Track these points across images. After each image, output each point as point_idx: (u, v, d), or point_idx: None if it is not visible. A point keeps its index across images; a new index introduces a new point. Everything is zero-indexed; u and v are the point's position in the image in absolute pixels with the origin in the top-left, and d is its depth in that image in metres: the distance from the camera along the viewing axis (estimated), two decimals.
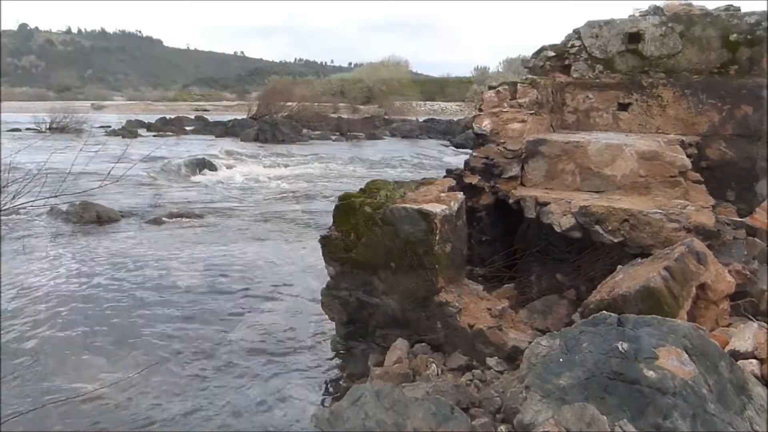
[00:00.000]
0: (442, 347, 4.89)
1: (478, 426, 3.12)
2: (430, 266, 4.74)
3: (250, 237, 10.21)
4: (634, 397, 2.63)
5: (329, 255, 5.16)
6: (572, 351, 3.06)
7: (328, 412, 3.24)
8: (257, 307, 6.72)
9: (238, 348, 5.64)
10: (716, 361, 2.89)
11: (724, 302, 3.87)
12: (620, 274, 4.30)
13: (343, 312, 5.26)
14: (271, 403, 4.68)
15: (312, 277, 7.65)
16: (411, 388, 3.88)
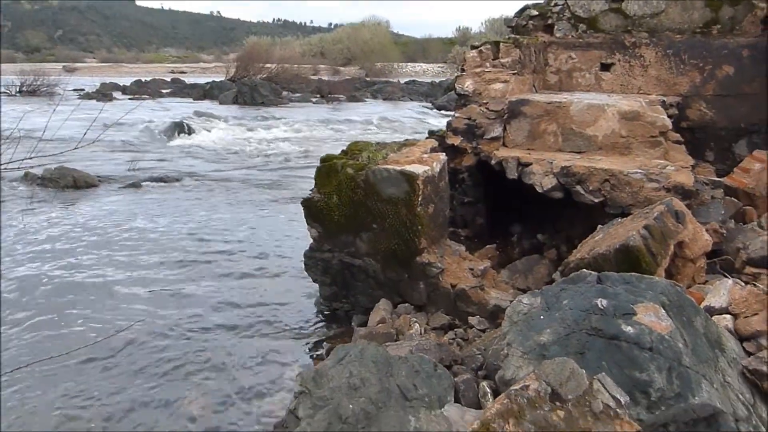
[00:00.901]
0: (425, 307, 4.95)
1: (460, 382, 3.17)
2: (413, 227, 4.76)
3: (232, 201, 10.13)
4: (612, 352, 2.68)
5: (311, 217, 5.15)
6: (553, 308, 3.11)
7: (313, 371, 3.26)
8: (240, 271, 6.70)
9: (221, 310, 5.65)
10: (692, 317, 2.95)
11: (700, 260, 3.94)
12: (600, 234, 4.35)
13: (326, 274, 5.29)
14: (254, 363, 4.71)
15: (294, 239, 7.64)
16: (395, 347, 3.93)
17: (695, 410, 2.51)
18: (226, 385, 4.40)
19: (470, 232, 6.46)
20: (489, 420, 2.10)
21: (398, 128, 21.77)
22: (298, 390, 3.20)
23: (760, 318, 3.09)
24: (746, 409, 2.65)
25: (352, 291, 5.24)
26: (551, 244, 6.08)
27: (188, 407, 4.15)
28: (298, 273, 6.19)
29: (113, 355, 4.77)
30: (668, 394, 2.50)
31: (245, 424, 3.95)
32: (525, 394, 2.24)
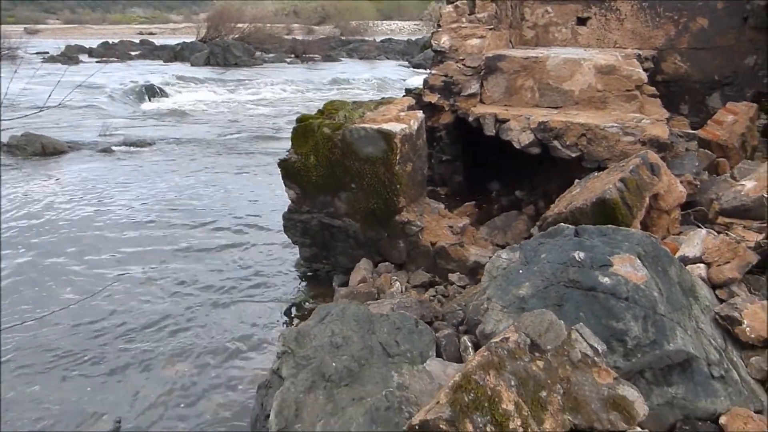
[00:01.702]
0: (406, 265, 4.98)
1: (441, 337, 3.21)
2: (391, 186, 4.74)
3: (207, 165, 9.98)
4: (589, 303, 2.73)
5: (288, 178, 5.10)
6: (531, 262, 3.15)
7: (295, 331, 3.28)
8: (219, 235, 6.65)
9: (201, 274, 5.62)
10: (667, 267, 3.01)
11: (675, 211, 4.00)
12: (577, 188, 4.38)
13: (305, 235, 5.27)
14: (236, 325, 4.72)
15: (272, 201, 7.59)
16: (376, 306, 3.95)
17: (670, 356, 2.58)
18: (208, 348, 4.41)
19: (449, 190, 6.48)
20: (470, 372, 2.13)
21: (375, 87, 21.52)
22: (281, 350, 3.21)
23: (732, 266, 3.16)
24: (718, 354, 2.73)
25: (332, 251, 5.24)
26: (529, 200, 6.13)
27: (169, 370, 4.16)
28: (277, 235, 6.17)
29: (92, 321, 4.75)
30: (644, 341, 2.56)
31: (229, 386, 3.98)
32: (505, 346, 2.28)
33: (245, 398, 3.82)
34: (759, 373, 2.74)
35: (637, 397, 2.25)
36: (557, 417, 2.15)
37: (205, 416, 3.68)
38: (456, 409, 2.03)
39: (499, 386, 2.13)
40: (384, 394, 2.69)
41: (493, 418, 2.04)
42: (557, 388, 2.22)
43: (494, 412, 2.05)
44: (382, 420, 2.57)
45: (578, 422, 2.17)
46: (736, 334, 2.87)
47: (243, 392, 3.91)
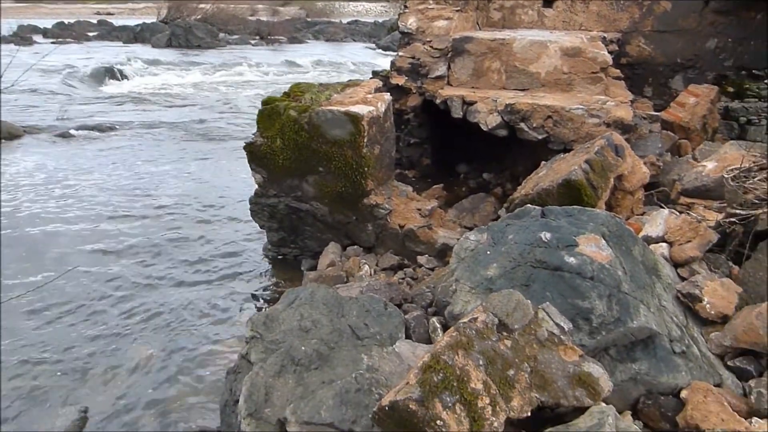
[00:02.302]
0: (374, 248, 4.98)
1: (410, 319, 3.22)
2: (359, 169, 4.71)
3: (172, 150, 9.78)
4: (556, 282, 2.77)
5: (255, 162, 5.03)
6: (499, 243, 3.17)
7: (264, 315, 3.25)
8: (185, 221, 6.54)
9: (167, 260, 5.54)
10: (631, 246, 3.07)
11: (639, 192, 4.07)
12: (543, 170, 4.42)
13: (272, 219, 5.22)
14: (204, 311, 4.67)
15: (238, 186, 7.49)
16: (345, 289, 3.95)
17: (633, 333, 2.64)
18: (176, 334, 4.36)
19: (417, 173, 6.48)
20: (439, 352, 2.14)
21: (342, 69, 21.34)
22: (250, 335, 3.19)
23: (693, 245, 3.24)
24: (679, 330, 2.80)
25: (300, 235, 5.20)
26: (497, 182, 6.17)
27: (138, 357, 4.10)
28: (245, 220, 6.10)
29: (56, 308, 4.64)
30: (608, 319, 2.61)
31: (197, 372, 3.94)
32: (473, 326, 2.29)
33: (214, 384, 3.78)
34: (718, 348, 2.82)
35: (602, 374, 2.29)
36: (525, 395, 2.18)
37: (173, 403, 3.64)
38: (425, 389, 2.04)
39: (468, 366, 2.14)
40: (354, 377, 2.69)
41: (462, 397, 2.06)
42: (524, 366, 2.25)
43: (463, 391, 2.07)
44: (353, 402, 2.57)
45: (545, 399, 2.20)
46: (696, 311, 2.94)
47: (212, 378, 3.88)
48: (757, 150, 4.08)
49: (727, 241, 3.29)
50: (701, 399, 2.47)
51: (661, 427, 2.52)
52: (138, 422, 3.47)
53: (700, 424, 2.37)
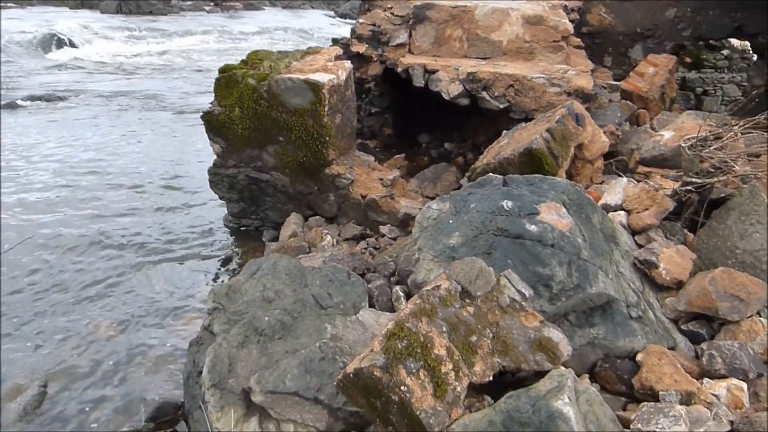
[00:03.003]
0: (336, 219, 4.95)
1: (374, 288, 3.22)
2: (320, 138, 4.65)
3: (126, 120, 9.47)
4: (517, 250, 2.80)
5: (213, 132, 4.91)
6: (461, 212, 3.18)
7: (226, 287, 3.20)
8: (142, 194, 6.36)
9: (125, 234, 5.38)
10: (590, 214, 3.11)
11: (598, 161, 4.13)
12: (505, 139, 4.44)
13: (232, 190, 5.13)
14: (165, 284, 4.58)
15: (197, 157, 7.32)
16: (307, 259, 3.92)
17: (592, 299, 2.69)
18: (137, 307, 4.27)
19: (378, 143, 6.44)
20: (403, 320, 2.15)
21: (300, 37, 20.92)
22: (212, 306, 3.14)
23: (651, 213, 3.31)
24: (636, 296, 2.87)
25: (261, 206, 5.13)
26: (458, 151, 6.19)
27: (98, 330, 4.01)
28: (203, 191, 5.97)
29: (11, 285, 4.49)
30: (568, 286, 2.66)
31: (159, 344, 3.88)
32: (436, 294, 2.30)
33: (177, 356, 3.73)
34: (672, 313, 2.91)
35: (561, 339, 2.34)
36: (487, 360, 2.21)
37: (135, 376, 3.58)
38: (389, 356, 2.04)
39: (431, 332, 2.15)
40: (318, 346, 2.68)
41: (426, 363, 2.07)
42: (487, 332, 2.27)
43: (427, 357, 2.08)
44: (317, 371, 2.56)
45: (507, 364, 2.23)
46: (652, 277, 3.02)
47: (174, 350, 3.82)
48: (713, 120, 4.16)
49: (683, 209, 3.37)
50: (656, 362, 2.54)
51: (618, 389, 2.59)
52: (100, 396, 3.41)
53: (655, 385, 2.44)
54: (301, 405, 2.52)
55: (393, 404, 2.03)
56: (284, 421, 2.54)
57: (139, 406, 3.30)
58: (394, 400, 2.02)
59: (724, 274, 2.78)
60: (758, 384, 2.48)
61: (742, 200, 3.10)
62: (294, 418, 2.54)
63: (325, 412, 2.54)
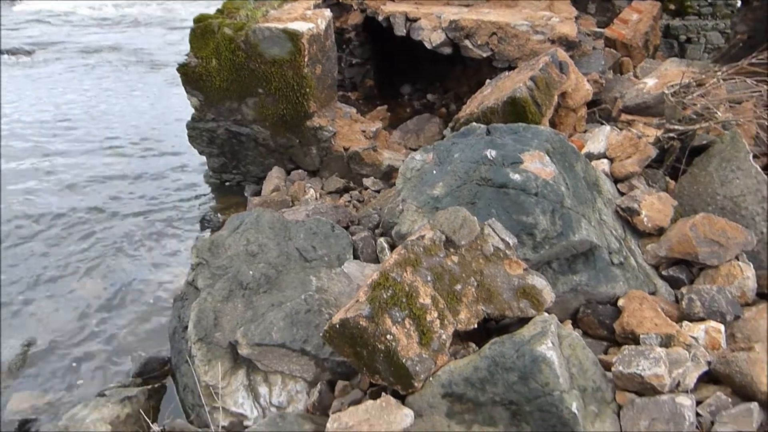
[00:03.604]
0: (319, 172, 4.91)
1: (358, 240, 3.22)
2: (301, 90, 4.56)
3: (98, 74, 9.15)
4: (501, 199, 2.80)
5: (190, 85, 4.80)
6: (444, 162, 3.16)
7: (209, 241, 3.19)
8: (120, 151, 6.19)
9: (105, 191, 5.28)
10: (573, 163, 3.11)
11: (581, 109, 4.10)
12: (488, 88, 4.39)
13: (212, 145, 5.05)
14: (147, 242, 4.54)
15: (174, 110, 7.16)
16: (291, 213, 3.90)
17: (575, 246, 2.71)
18: (120, 265, 4.24)
19: (360, 94, 6.35)
20: (388, 270, 2.15)
21: None
22: (195, 261, 3.13)
23: (633, 161, 3.31)
24: (618, 243, 2.90)
25: (242, 161, 5.06)
26: (441, 102, 6.12)
27: (82, 288, 3.99)
28: (183, 147, 5.86)
29: None
30: (551, 234, 2.67)
31: (143, 301, 3.87)
32: (421, 244, 2.30)
33: (162, 312, 3.73)
34: (653, 259, 2.95)
35: (545, 286, 2.36)
36: (472, 308, 2.23)
37: (121, 332, 3.58)
38: (375, 306, 2.05)
39: (416, 282, 2.16)
40: (303, 298, 2.69)
41: (411, 312, 2.09)
42: (471, 280, 2.29)
43: (412, 306, 2.10)
44: (303, 322, 2.58)
45: (491, 311, 2.26)
46: (634, 224, 3.04)
47: (159, 306, 3.82)
48: (696, 67, 4.14)
49: (665, 157, 3.38)
50: (637, 306, 2.59)
51: (599, 334, 2.64)
52: (86, 353, 3.41)
53: (635, 329, 2.49)
54: (288, 356, 2.54)
55: (379, 353, 2.05)
56: (272, 373, 2.57)
57: (125, 362, 3.31)
58: (380, 349, 2.04)
59: (705, 220, 2.80)
60: (735, 326, 2.54)
61: (723, 147, 3.11)
62: (281, 370, 2.56)
63: (311, 362, 2.57)
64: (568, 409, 1.94)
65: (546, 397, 1.97)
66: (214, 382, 2.47)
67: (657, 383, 2.08)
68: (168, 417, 2.66)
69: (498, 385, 2.02)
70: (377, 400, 2.06)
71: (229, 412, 2.44)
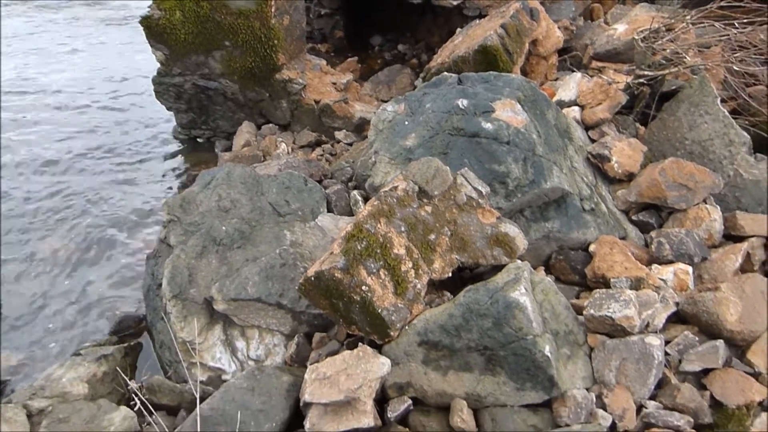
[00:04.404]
0: (290, 126, 4.83)
1: (331, 193, 3.21)
2: (268, 42, 4.45)
3: (58, 28, 8.79)
4: (473, 148, 2.79)
5: (154, 38, 4.63)
6: (416, 113, 3.13)
7: (180, 198, 3.13)
8: (83, 108, 6.00)
9: (71, 151, 5.13)
10: (545, 110, 3.11)
11: (552, 57, 4.08)
12: (459, 37, 4.33)
13: (179, 100, 4.92)
14: (117, 199, 4.45)
15: (138, 65, 6.94)
16: (263, 168, 3.85)
17: (547, 194, 2.73)
18: (89, 224, 4.16)
19: (330, 46, 6.22)
20: (361, 222, 2.14)
21: None
22: (167, 218, 3.08)
23: (604, 107, 3.32)
24: (589, 189, 2.94)
25: (212, 116, 4.96)
26: (412, 53, 6.03)
27: (50, 250, 3.92)
28: (149, 102, 5.70)
29: None
30: (524, 182, 2.68)
31: (116, 260, 3.82)
32: (394, 195, 2.30)
33: (135, 270, 3.69)
34: (624, 204, 2.99)
35: (518, 233, 2.38)
36: (446, 257, 2.25)
37: (94, 293, 3.54)
38: (349, 257, 2.05)
39: (390, 233, 2.16)
40: (278, 252, 2.68)
41: (386, 263, 2.10)
42: (445, 230, 2.30)
43: (386, 257, 2.11)
44: (278, 276, 2.58)
45: (465, 260, 2.28)
46: (605, 171, 3.08)
47: (131, 264, 3.77)
48: (666, 12, 4.13)
49: (635, 103, 3.39)
50: (608, 251, 2.64)
51: (572, 279, 2.70)
52: (59, 314, 3.37)
53: (606, 273, 2.54)
54: (264, 310, 2.55)
55: (355, 304, 2.07)
56: (248, 327, 2.58)
57: (100, 321, 3.29)
58: (355, 300, 2.06)
59: (673, 165, 2.84)
60: (702, 267, 2.61)
61: (692, 92, 3.13)
62: (258, 324, 2.57)
63: (288, 316, 2.58)
64: (541, 353, 1.99)
65: (520, 342, 2.01)
66: (191, 338, 2.47)
67: (627, 325, 2.14)
68: (145, 374, 2.66)
69: (473, 331, 2.06)
70: (354, 350, 2.08)
71: (207, 367, 2.45)
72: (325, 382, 1.98)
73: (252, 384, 2.16)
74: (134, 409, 2.23)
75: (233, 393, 2.11)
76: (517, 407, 2.03)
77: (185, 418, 2.21)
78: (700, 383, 2.18)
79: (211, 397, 2.12)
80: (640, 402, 2.08)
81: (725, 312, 2.21)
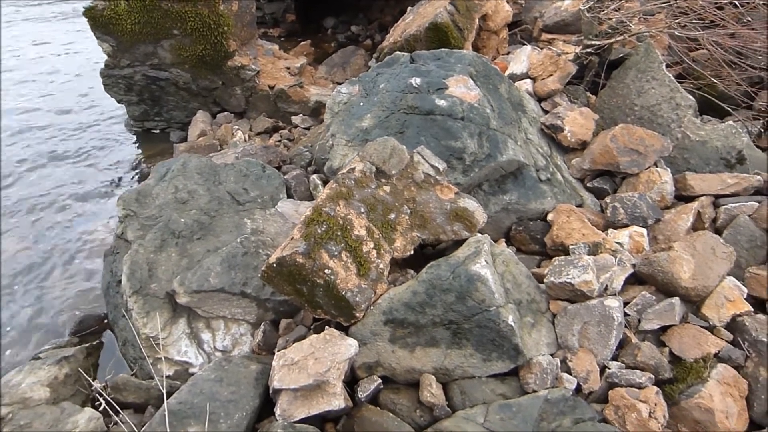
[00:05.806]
0: (246, 113, 4.77)
1: (290, 179, 3.18)
2: (218, 28, 4.37)
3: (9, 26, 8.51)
4: (428, 126, 2.80)
5: (99, 29, 4.50)
6: (371, 94, 3.12)
7: (135, 192, 3.07)
8: (30, 105, 5.84)
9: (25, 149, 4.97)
10: (497, 84, 3.13)
11: (503, 31, 4.10)
12: (410, 15, 4.31)
13: (130, 92, 4.81)
14: (71, 196, 4.34)
15: (85, 58, 6.75)
16: (219, 157, 3.80)
17: (503, 167, 2.77)
18: (44, 223, 4.05)
19: (282, 30, 6.14)
20: (320, 205, 2.14)
21: None
22: (123, 213, 3.02)
23: (555, 78, 3.36)
24: (545, 160, 2.98)
25: (165, 107, 4.86)
26: (366, 34, 6.00)
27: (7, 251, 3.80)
28: (99, 95, 5.56)
29: None
30: (480, 156, 2.71)
31: (72, 259, 3.73)
32: (352, 176, 2.29)
33: (93, 268, 3.61)
34: (579, 173, 3.05)
35: (476, 207, 2.41)
36: (407, 235, 2.26)
37: (53, 293, 3.45)
38: (310, 241, 2.05)
39: (350, 215, 2.17)
40: (239, 241, 2.66)
41: (347, 245, 2.10)
42: (404, 209, 2.31)
43: (347, 238, 2.11)
44: (241, 265, 2.56)
45: (426, 237, 2.30)
46: (559, 140, 3.12)
47: (89, 262, 3.69)
48: None
49: (584, 73, 3.45)
50: (565, 219, 2.69)
51: (532, 249, 2.74)
52: (17, 318, 3.29)
53: (565, 240, 2.60)
54: (228, 300, 2.53)
55: (319, 288, 2.07)
56: (213, 318, 2.56)
57: (60, 322, 3.22)
58: (319, 284, 2.06)
59: (624, 131, 2.90)
60: (656, 228, 2.69)
61: (638, 59, 3.19)
62: (223, 314, 2.55)
63: (253, 304, 2.57)
64: (505, 323, 2.03)
65: (483, 314, 2.05)
66: (155, 333, 2.44)
67: (586, 289, 2.19)
68: (110, 373, 2.63)
69: (437, 306, 2.08)
70: (321, 334, 2.08)
71: (173, 361, 2.42)
72: (293, 368, 1.98)
73: (220, 375, 2.15)
74: (99, 410, 2.20)
75: (201, 385, 2.10)
76: (485, 378, 2.07)
77: (153, 414, 2.19)
78: (659, 340, 2.26)
79: (179, 391, 2.10)
80: (603, 363, 2.14)
81: (679, 270, 2.28)
